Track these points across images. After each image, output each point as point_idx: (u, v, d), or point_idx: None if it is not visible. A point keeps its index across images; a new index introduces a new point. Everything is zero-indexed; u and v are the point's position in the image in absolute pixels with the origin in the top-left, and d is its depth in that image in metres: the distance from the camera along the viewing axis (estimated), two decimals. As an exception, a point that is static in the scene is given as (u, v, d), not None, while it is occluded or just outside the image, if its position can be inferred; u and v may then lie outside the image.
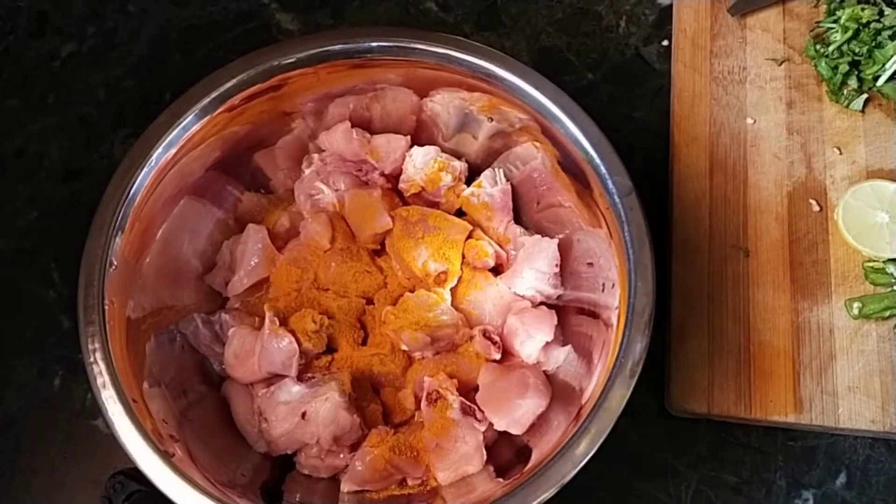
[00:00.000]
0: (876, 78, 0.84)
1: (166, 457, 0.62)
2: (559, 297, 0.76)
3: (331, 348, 0.75)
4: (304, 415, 0.69)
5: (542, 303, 0.75)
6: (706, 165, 0.85)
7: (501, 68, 0.71)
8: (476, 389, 0.72)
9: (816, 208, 0.82)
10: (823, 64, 0.86)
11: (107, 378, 0.64)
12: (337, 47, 0.73)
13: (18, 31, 0.99)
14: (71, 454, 0.81)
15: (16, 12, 1.00)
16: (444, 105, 0.77)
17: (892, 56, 0.84)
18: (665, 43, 0.92)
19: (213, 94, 0.71)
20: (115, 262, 0.68)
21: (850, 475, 0.76)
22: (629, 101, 0.90)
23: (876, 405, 0.75)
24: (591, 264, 0.74)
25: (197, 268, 0.78)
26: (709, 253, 0.81)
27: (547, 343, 0.73)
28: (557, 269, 0.74)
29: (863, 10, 0.85)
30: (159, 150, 0.70)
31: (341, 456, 0.71)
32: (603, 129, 0.68)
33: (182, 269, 0.77)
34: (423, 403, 0.70)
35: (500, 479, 0.68)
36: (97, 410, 0.66)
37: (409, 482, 0.72)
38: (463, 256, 0.77)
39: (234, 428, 0.74)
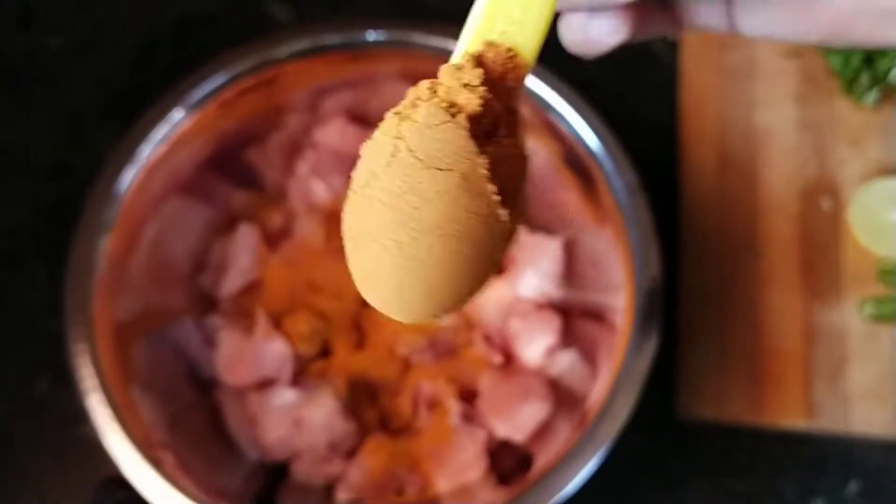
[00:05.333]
0: (889, 72, 0.82)
1: (156, 463, 0.62)
2: (563, 298, 0.74)
3: (326, 352, 0.74)
4: (298, 421, 0.69)
5: (545, 305, 0.74)
6: (715, 162, 0.83)
7: (502, 61, 0.69)
8: (476, 395, 0.71)
9: (828, 207, 0.81)
10: (835, 58, 0.84)
11: (94, 382, 0.64)
12: (332, 39, 0.72)
13: (4, 25, 0.97)
14: (58, 461, 0.79)
15: (1, 5, 0.99)
16: (443, 100, 0.76)
17: (905, 49, 0.82)
18: (672, 36, 0.91)
19: (204, 89, 0.70)
20: (103, 263, 0.67)
21: (862, 482, 0.75)
22: (635, 96, 0.88)
23: (890, 410, 0.74)
24: (595, 265, 0.72)
25: (187, 268, 0.76)
26: (718, 253, 0.80)
27: (550, 347, 0.71)
28: (561, 270, 0.73)
29: (876, 2, 0.83)
30: (148, 146, 0.69)
31: (337, 463, 0.70)
32: (608, 125, 0.67)
33: (172, 269, 0.75)
34: (422, 409, 0.70)
35: (502, 488, 0.67)
36: (85, 415, 0.65)
37: (408, 490, 0.70)
38: (463, 256, 0.75)
39: (226, 434, 0.72)
